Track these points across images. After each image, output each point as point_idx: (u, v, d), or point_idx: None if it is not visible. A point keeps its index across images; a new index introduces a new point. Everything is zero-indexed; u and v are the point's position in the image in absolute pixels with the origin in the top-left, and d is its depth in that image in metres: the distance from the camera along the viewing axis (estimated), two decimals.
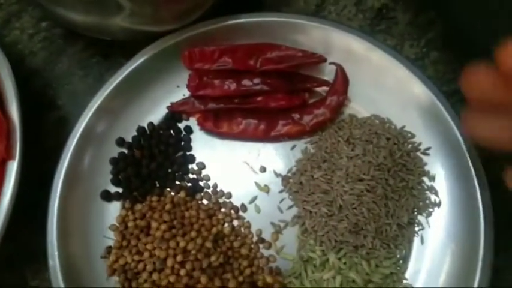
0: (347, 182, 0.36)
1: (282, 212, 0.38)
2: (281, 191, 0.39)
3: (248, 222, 0.38)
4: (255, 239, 0.38)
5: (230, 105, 0.40)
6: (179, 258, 0.35)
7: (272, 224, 0.38)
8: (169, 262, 0.35)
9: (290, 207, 0.38)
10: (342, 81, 0.39)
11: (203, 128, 0.40)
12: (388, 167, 0.37)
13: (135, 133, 0.40)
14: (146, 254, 0.36)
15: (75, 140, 0.37)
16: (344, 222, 0.36)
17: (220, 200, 0.39)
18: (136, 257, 0.36)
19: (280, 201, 0.39)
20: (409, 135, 0.39)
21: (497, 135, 0.29)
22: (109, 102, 0.39)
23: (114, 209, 0.38)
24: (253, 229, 0.38)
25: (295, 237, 0.38)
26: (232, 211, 0.38)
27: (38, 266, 0.38)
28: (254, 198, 0.39)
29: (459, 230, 0.36)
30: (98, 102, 0.38)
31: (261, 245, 0.38)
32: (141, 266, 0.35)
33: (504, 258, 0.38)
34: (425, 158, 0.39)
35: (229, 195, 0.39)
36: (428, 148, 0.39)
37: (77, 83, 0.43)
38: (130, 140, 0.40)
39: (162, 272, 0.35)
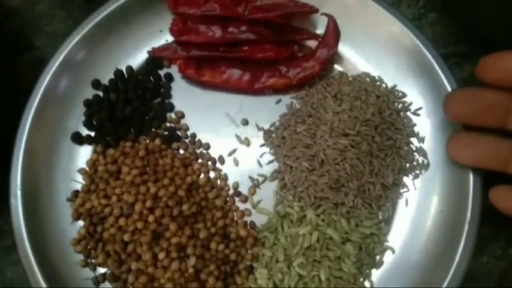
0: (331, 137, 0.34)
1: (261, 166, 0.37)
2: (262, 145, 0.37)
3: (225, 174, 0.36)
4: (231, 191, 0.36)
5: (214, 53, 0.38)
6: (148, 204, 0.33)
7: (250, 178, 0.36)
8: (138, 207, 0.33)
9: (270, 161, 0.37)
10: (333, 33, 0.37)
11: (184, 75, 0.38)
12: (376, 124, 0.35)
13: (113, 76, 0.38)
14: (114, 198, 0.34)
15: (48, 77, 0.36)
16: (325, 177, 0.34)
17: (198, 151, 0.37)
18: (103, 201, 0.34)
19: (261, 156, 0.37)
20: (400, 94, 0.37)
21: (481, 157, 0.31)
22: (87, 41, 0.37)
23: (85, 153, 0.36)
24: (230, 182, 0.36)
25: (273, 192, 0.36)
26: (210, 162, 0.36)
27: (1, 206, 0.36)
28: (233, 151, 0.37)
29: (447, 194, 0.35)
30: (76, 39, 0.36)
31: (237, 198, 0.36)
32: (107, 210, 0.33)
33: (489, 229, 0.37)
34: (415, 119, 0.37)
35: (208, 146, 0.37)
36: (419, 108, 0.37)
37: (57, 24, 0.41)
38: (106, 83, 0.38)
39: (130, 218, 0.33)
